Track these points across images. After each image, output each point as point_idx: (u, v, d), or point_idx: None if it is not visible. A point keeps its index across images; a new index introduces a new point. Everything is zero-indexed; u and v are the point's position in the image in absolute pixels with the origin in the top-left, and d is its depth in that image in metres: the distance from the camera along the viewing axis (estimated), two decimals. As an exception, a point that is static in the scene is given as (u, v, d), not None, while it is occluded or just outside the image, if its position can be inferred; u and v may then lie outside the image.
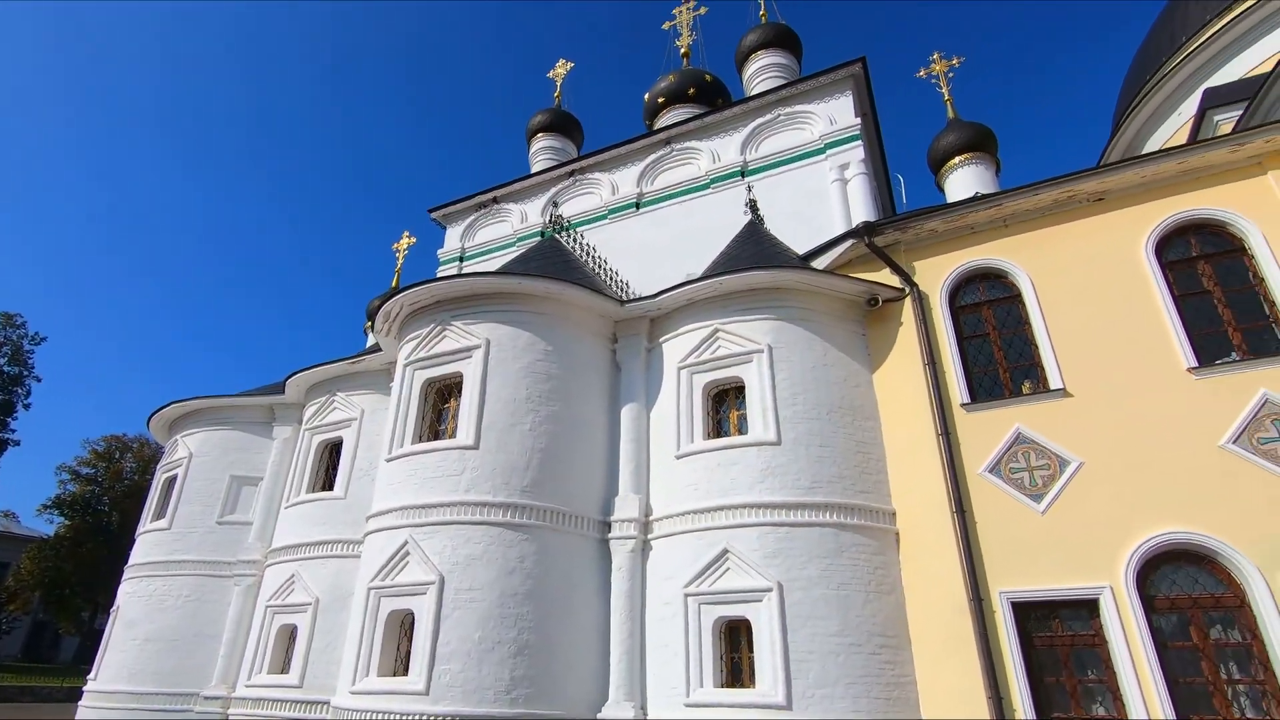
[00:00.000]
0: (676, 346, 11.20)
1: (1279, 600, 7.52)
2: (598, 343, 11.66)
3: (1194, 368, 8.74)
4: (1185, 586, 8.14)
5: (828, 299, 10.75)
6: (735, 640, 9.36)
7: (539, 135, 24.34)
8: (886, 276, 10.82)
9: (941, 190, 20.05)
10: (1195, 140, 11.31)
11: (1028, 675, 8.19)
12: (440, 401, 11.56)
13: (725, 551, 9.39)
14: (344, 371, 14.03)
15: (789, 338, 10.44)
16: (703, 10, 25.09)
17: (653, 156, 18.97)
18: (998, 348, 10.15)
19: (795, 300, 10.65)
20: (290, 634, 12.43)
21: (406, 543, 9.93)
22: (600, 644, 9.79)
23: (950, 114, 19.10)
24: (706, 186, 17.83)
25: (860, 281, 10.69)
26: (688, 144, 18.63)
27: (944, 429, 9.67)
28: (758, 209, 13.55)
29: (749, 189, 15.08)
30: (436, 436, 11.13)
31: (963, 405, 9.77)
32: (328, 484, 13.56)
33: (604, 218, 18.85)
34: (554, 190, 20.25)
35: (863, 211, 15.17)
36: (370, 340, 19.75)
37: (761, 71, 20.82)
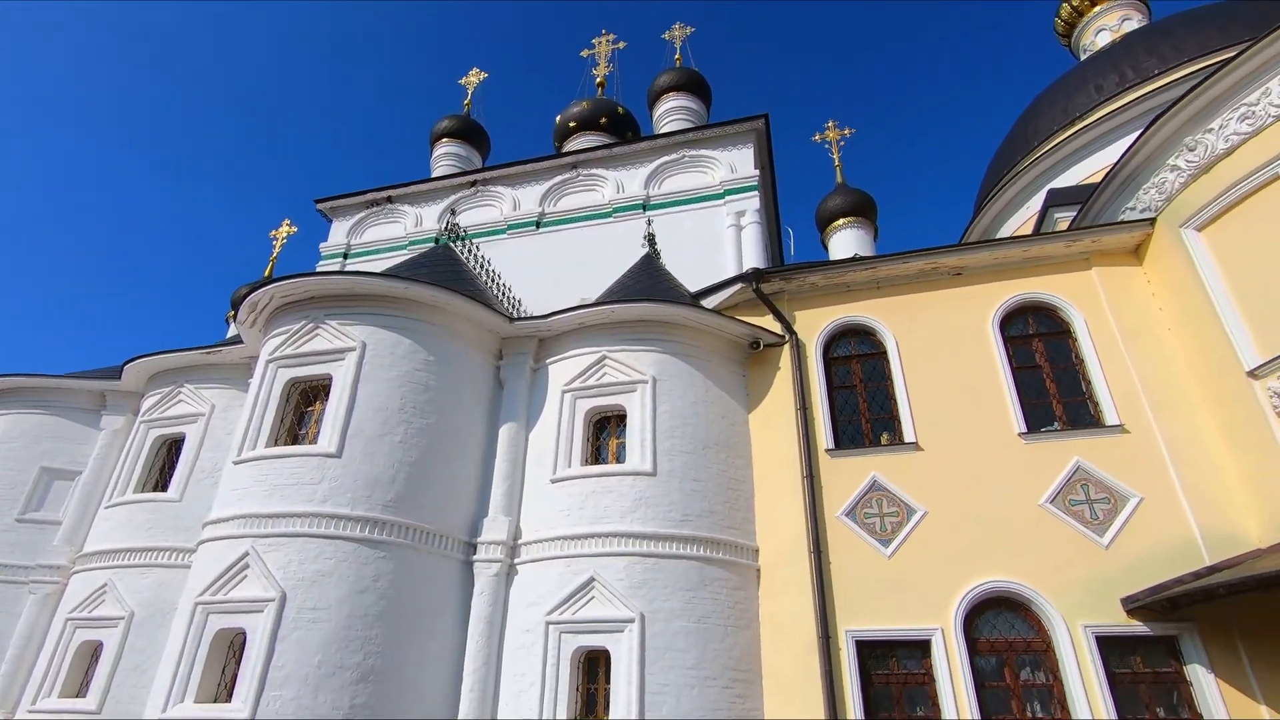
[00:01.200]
0: (563, 369, 11.14)
1: (1076, 646, 8.44)
2: (482, 358, 11.38)
3: (1024, 433, 9.76)
4: (1004, 631, 8.96)
5: (713, 338, 11.11)
6: (593, 671, 9.26)
7: (443, 140, 23.76)
8: (769, 322, 11.35)
9: (825, 247, 21.52)
10: (1038, 233, 12.82)
11: (865, 711, 8.67)
12: (304, 404, 10.80)
13: (592, 580, 9.32)
14: (197, 362, 12.80)
15: (673, 371, 10.67)
16: (621, 45, 25.71)
17: (559, 178, 19.01)
18: (863, 399, 10.89)
19: (683, 336, 10.93)
20: (93, 651, 10.96)
21: (247, 554, 9.09)
22: (454, 671, 9.37)
23: (839, 179, 20.60)
24: (609, 215, 18.05)
25: (745, 324, 11.14)
26: (595, 171, 18.83)
27: (809, 472, 10.19)
28: (655, 243, 13.86)
29: (649, 223, 15.42)
30: (295, 441, 10.36)
31: (828, 451, 10.36)
32: (161, 484, 12.21)
33: (503, 232, 18.59)
34: (453, 198, 19.77)
35: (753, 258, 15.89)
36: (231, 331, 18.22)
37: (672, 112, 21.51)
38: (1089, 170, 16.94)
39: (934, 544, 9.38)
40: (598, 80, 25.06)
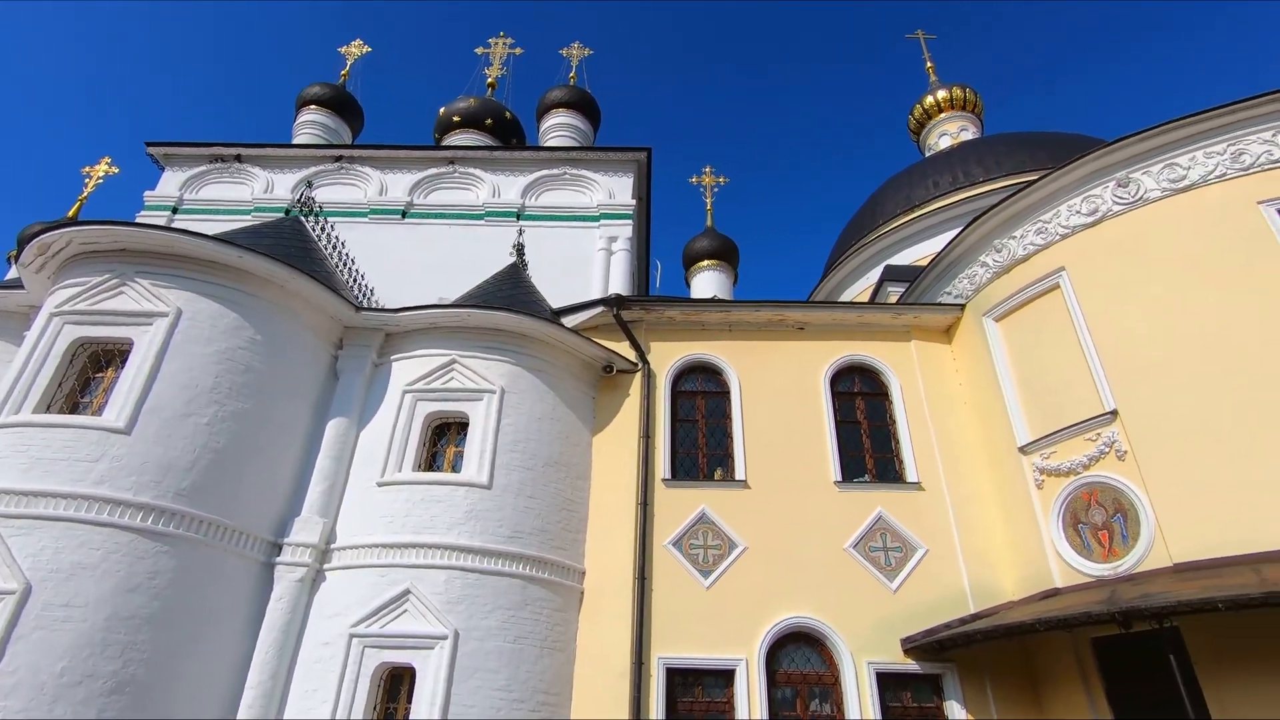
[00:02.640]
0: (407, 368, 10.61)
1: (860, 680, 9.23)
2: (319, 345, 10.56)
3: (839, 481, 10.63)
4: (800, 664, 9.61)
5: (568, 356, 11.12)
6: (395, 690, 8.75)
7: (311, 107, 22.06)
8: (625, 349, 11.56)
9: (688, 284, 22.41)
10: (872, 302, 14.20)
11: (666, 737, 8.91)
12: (93, 369, 9.40)
13: (407, 592, 8.85)
14: (-45, 302, 10.77)
15: (523, 385, 10.53)
16: (518, 51, 25.43)
17: (433, 170, 18.28)
18: (702, 434, 11.36)
19: (538, 350, 10.83)
20: None
21: (-13, 537, 7.68)
22: (235, 686, 8.43)
23: (709, 222, 21.58)
24: (480, 217, 17.61)
25: (602, 348, 11.27)
26: (472, 170, 18.32)
27: (644, 499, 10.43)
28: (524, 253, 13.71)
29: (520, 232, 15.21)
30: (74, 410, 8.98)
31: (664, 480, 10.66)
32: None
33: (364, 215, 17.51)
34: (314, 170, 18.35)
35: (619, 284, 16.17)
36: (11, 273, 15.60)
37: (559, 128, 21.53)
38: (921, 253, 19.07)
39: (749, 578, 9.90)
40: (489, 80, 24.56)
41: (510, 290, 11.96)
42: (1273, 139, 8.89)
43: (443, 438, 10.39)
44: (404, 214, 17.51)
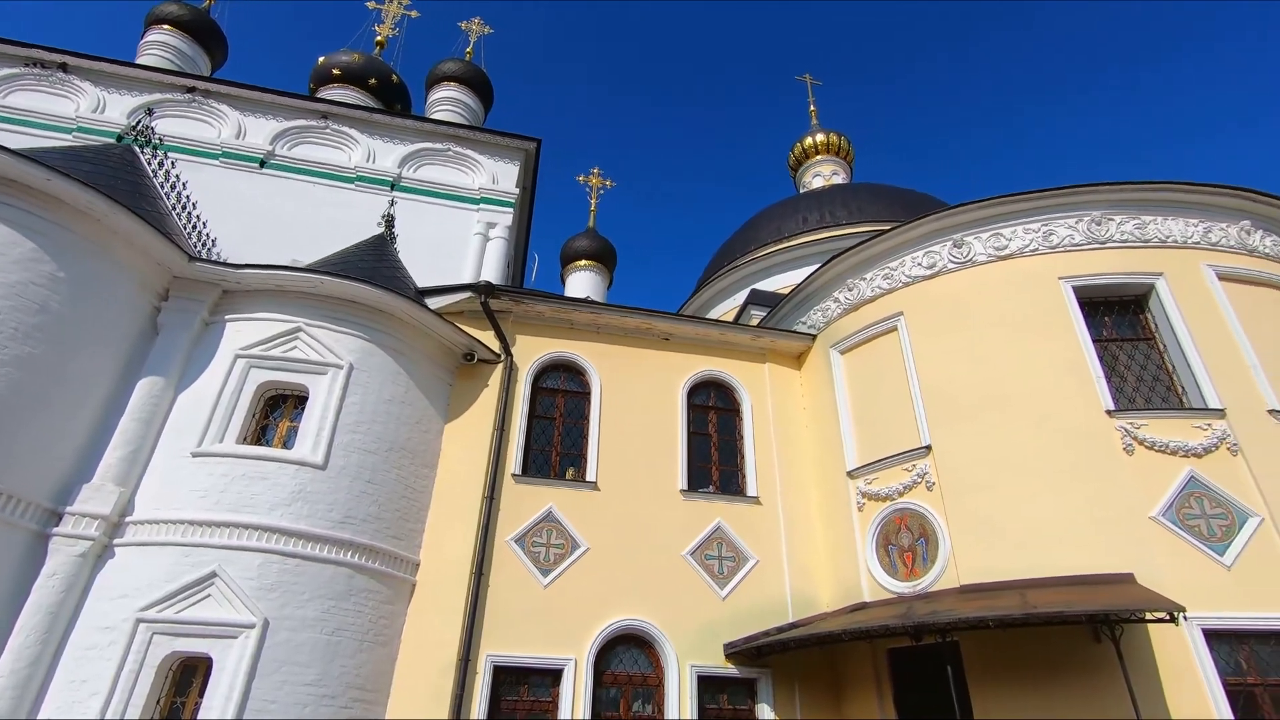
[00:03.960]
0: (244, 330, 9.69)
1: (682, 683, 9.57)
2: (138, 294, 9.38)
3: (685, 490, 11.00)
4: (628, 665, 9.80)
5: (427, 339, 10.66)
6: (186, 684, 7.90)
7: (164, 26, 19.61)
8: (490, 339, 11.28)
9: (563, 283, 22.30)
10: (735, 322, 14.84)
11: (486, 736, 8.74)
12: None
13: (214, 575, 8.05)
14: None
15: (375, 363, 9.96)
16: (414, 14, 24.17)
17: (302, 122, 16.87)
18: (559, 433, 11.31)
19: (395, 329, 10.30)
20: None
21: None
22: (-21, 673, 7.23)
23: (591, 223, 21.60)
24: (351, 180, 16.50)
25: (465, 334, 10.91)
26: (347, 130, 17.12)
27: (491, 493, 10.21)
28: (393, 225, 12.98)
29: (392, 203, 14.40)
30: None
31: (514, 475, 10.50)
32: None
33: (214, 158, 15.82)
34: (158, 96, 16.30)
35: (492, 273, 15.78)
36: None
37: (447, 102, 20.69)
38: (785, 282, 20.21)
39: (588, 579, 9.97)
40: (377, 39, 23.12)
41: (373, 262, 11.28)
42: (1075, 225, 10.34)
43: (276, 410, 9.58)
44: (263, 163, 16.02)
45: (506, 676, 9.34)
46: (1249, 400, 8.89)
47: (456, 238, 16.16)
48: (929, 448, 9.86)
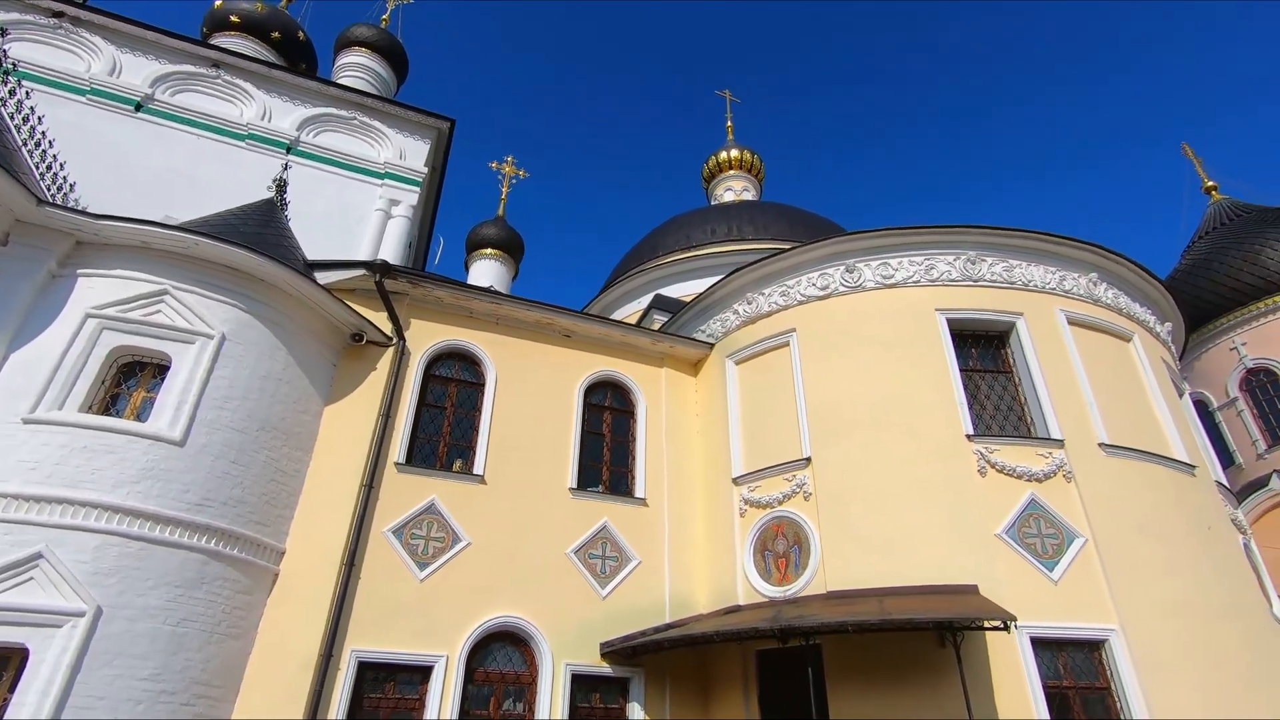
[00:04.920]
0: (99, 288, 8.75)
1: (555, 681, 9.53)
2: (-28, 234, 8.28)
3: (574, 489, 10.97)
4: (502, 663, 9.65)
5: (313, 315, 10.06)
6: (-6, 675, 7.03)
7: (31, -60, 17.45)
8: (382, 320, 10.79)
9: (466, 270, 21.70)
10: (638, 325, 14.97)
11: (344, 734, 8.34)
12: None
13: (39, 556, 7.21)
14: None
15: (252, 336, 9.28)
16: (327, -31, 22.79)
17: (190, 67, 15.49)
18: (448, 423, 10.98)
19: (277, 301, 9.65)
20: None
21: None
22: None
23: (500, 211, 21.17)
24: (242, 138, 15.32)
25: (355, 313, 10.38)
26: (241, 83, 15.88)
27: (371, 481, 9.76)
28: (285, 191, 12.15)
29: (287, 167, 13.49)
30: None
31: (397, 464, 10.09)
32: None
33: (81, 94, 14.22)
34: (15, 16, 14.47)
35: (392, 252, 15.14)
36: None
37: (357, 68, 19.66)
38: (689, 289, 20.60)
39: (467, 574, 9.74)
40: (284, -9, 21.62)
41: (259, 228, 10.52)
42: (953, 263, 11.19)
43: (131, 379, 8.72)
44: (139, 106, 14.59)
45: (372, 673, 8.95)
46: (1084, 434, 9.94)
47: (355, 212, 15.39)
48: (809, 460, 10.35)
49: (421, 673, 9.11)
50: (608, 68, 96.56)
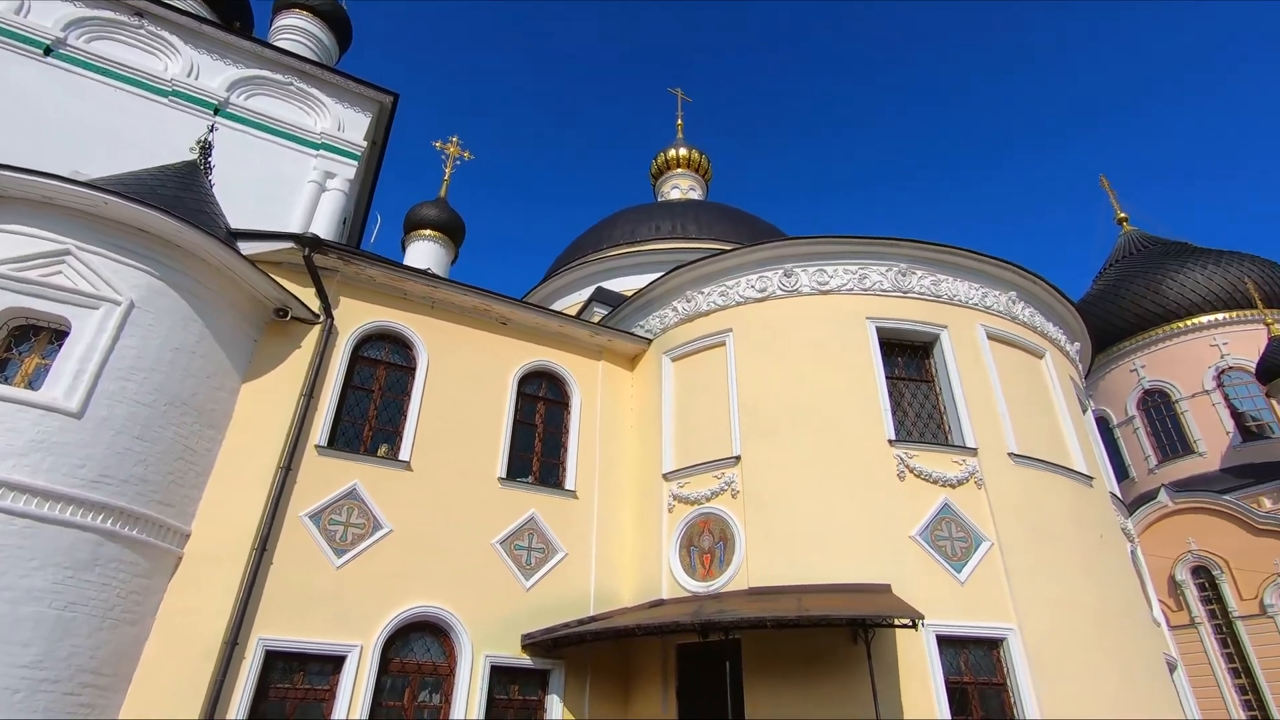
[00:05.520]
0: (-8, 244, 8.06)
1: (474, 673, 9.38)
2: None
3: (503, 478, 10.82)
4: (420, 654, 9.44)
5: (234, 286, 9.56)
6: None
7: None
8: (310, 297, 10.35)
9: (404, 249, 21.06)
10: (578, 317, 14.88)
11: (246, 726, 7.99)
12: None
13: (-95, 533, 6.61)
14: None
15: (164, 305, 8.73)
16: (269, -76, 21.59)
17: (108, 13, 14.44)
18: (375, 406, 10.64)
19: (195, 270, 9.11)
20: None
21: None
22: None
23: (443, 192, 20.62)
24: (165, 94, 14.39)
25: (280, 287, 9.91)
26: (167, 35, 14.90)
27: (289, 463, 9.36)
28: (210, 154, 11.48)
29: (213, 128, 12.75)
30: None
31: (318, 446, 9.72)
32: None
33: (-19, 31, 13.07)
34: (-93, -60, 13.16)
35: (324, 226, 14.53)
36: None
37: (296, 30, 18.74)
38: (631, 284, 20.59)
39: (387, 562, 9.47)
40: (221, -59, 20.38)
41: (178, 190, 9.90)
42: (885, 274, 11.58)
43: (24, 344, 8.07)
44: (48, 50, 13.52)
45: (280, 662, 8.59)
46: (996, 443, 10.47)
47: (287, 182, 14.71)
48: (738, 458, 10.53)
49: (333, 663, 8.81)
50: (564, 57, 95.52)
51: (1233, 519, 21.73)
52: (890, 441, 10.12)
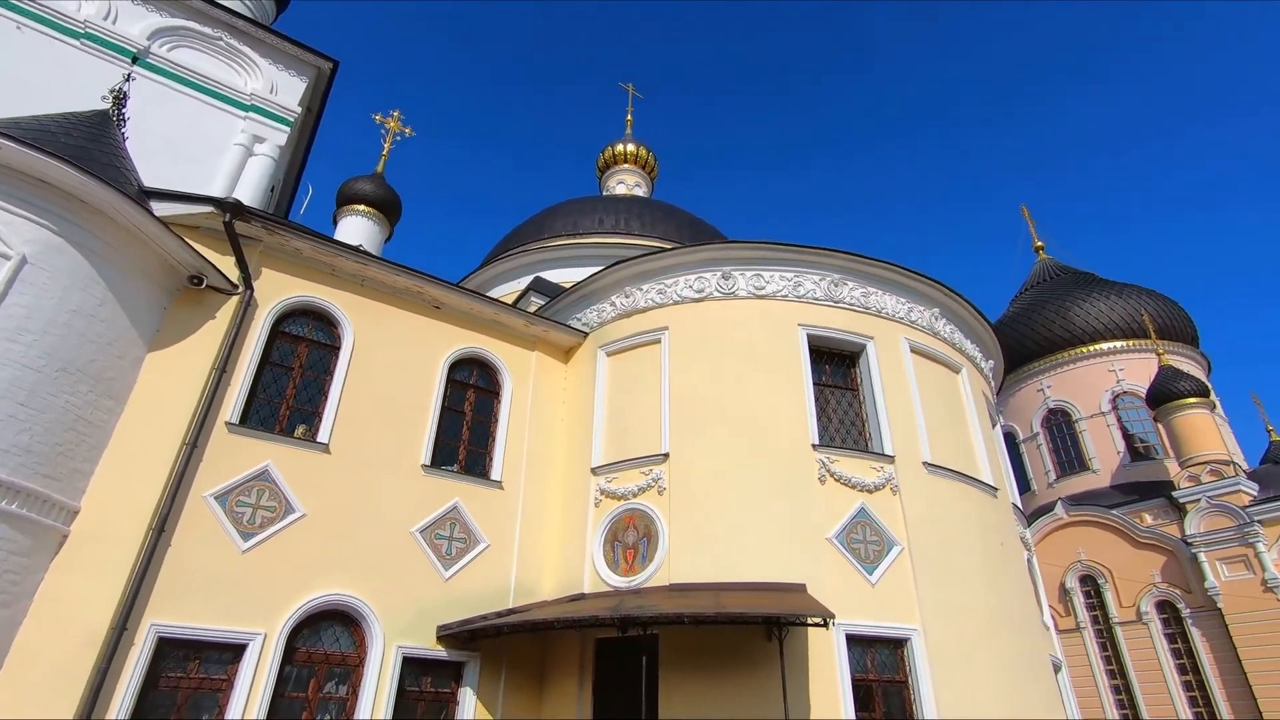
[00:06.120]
0: None
1: (385, 664, 9.11)
2: None
3: (427, 465, 10.54)
4: (328, 643, 9.09)
5: (144, 250, 8.94)
6: None
7: None
8: (229, 266, 9.79)
9: (335, 224, 20.22)
10: (514, 305, 14.66)
11: (132, 715, 7.50)
12: None
13: None
14: None
15: (62, 263, 8.08)
16: None
17: (17, -56, 13.24)
18: (294, 385, 10.17)
19: (100, 229, 8.47)
20: None
21: None
22: None
23: (380, 168, 19.91)
24: (76, 36, 13.31)
25: (195, 253, 9.33)
26: (83, -27, 13.79)
27: (195, 440, 8.83)
28: (124, 104, 10.69)
29: (129, 78, 11.87)
30: None
31: (228, 424, 9.21)
32: None
33: None
34: None
35: (249, 193, 13.76)
36: None
37: (231, -15, 17.68)
38: (570, 276, 20.43)
39: (297, 547, 9.07)
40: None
41: (86, 141, 9.18)
42: (819, 282, 11.90)
43: (-106, 295, 7.32)
44: (-60, -24, 12.27)
45: (173, 650, 8.11)
46: (912, 452, 10.92)
47: (211, 143, 13.86)
48: (667, 455, 10.61)
49: (233, 651, 8.38)
50: (517, 40, 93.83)
51: (1118, 532, 23.50)
52: (814, 446, 10.41)
